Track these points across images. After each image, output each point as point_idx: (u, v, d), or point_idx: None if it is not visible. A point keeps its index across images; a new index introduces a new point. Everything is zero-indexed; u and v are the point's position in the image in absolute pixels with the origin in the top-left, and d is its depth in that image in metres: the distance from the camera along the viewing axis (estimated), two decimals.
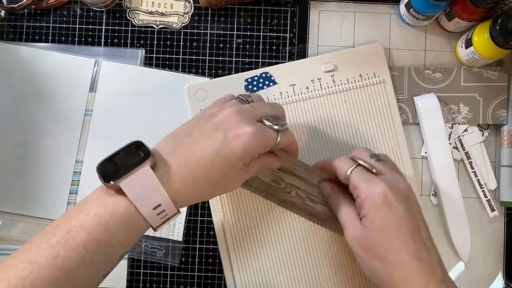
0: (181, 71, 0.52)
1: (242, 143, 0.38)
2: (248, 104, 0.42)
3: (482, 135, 0.51)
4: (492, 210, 0.50)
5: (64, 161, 0.51)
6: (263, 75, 0.51)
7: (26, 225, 0.51)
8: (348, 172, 0.41)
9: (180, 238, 0.51)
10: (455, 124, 0.51)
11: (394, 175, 0.41)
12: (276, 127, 0.40)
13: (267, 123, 0.40)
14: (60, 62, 0.52)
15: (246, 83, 0.51)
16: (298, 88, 0.51)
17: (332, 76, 0.51)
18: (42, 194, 0.51)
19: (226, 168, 0.38)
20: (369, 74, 0.51)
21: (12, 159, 0.51)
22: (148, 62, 0.52)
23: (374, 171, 0.41)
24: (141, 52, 0.52)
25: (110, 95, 0.52)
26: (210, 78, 0.52)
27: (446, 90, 0.51)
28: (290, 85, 0.51)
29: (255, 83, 0.51)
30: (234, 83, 0.51)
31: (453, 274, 0.50)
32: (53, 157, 0.51)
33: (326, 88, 0.51)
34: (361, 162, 0.41)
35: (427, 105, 0.50)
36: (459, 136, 0.51)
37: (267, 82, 0.51)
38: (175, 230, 0.51)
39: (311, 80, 0.51)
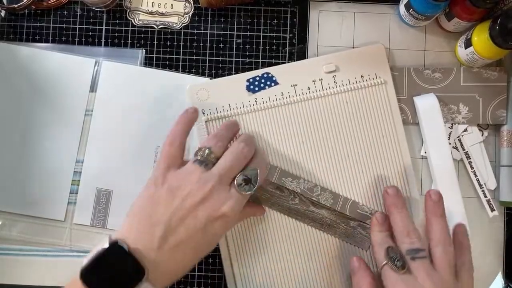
0: (181, 71, 0.52)
1: (223, 225, 0.41)
2: (215, 170, 0.42)
3: (482, 135, 0.51)
4: (492, 210, 0.50)
5: (65, 161, 0.51)
6: (265, 75, 0.51)
7: (27, 225, 0.51)
8: (379, 266, 0.43)
9: None
10: (455, 124, 0.51)
11: (423, 277, 0.41)
12: (248, 192, 0.42)
13: (240, 190, 0.42)
14: (60, 62, 0.52)
15: (247, 83, 0.51)
16: (299, 89, 0.51)
17: (333, 76, 0.51)
18: (42, 194, 0.51)
19: (210, 246, 0.43)
20: (370, 75, 0.51)
21: (12, 159, 0.51)
22: (148, 62, 0.53)
23: (401, 271, 0.42)
24: (141, 52, 0.52)
25: (110, 95, 0.52)
26: (210, 78, 0.52)
27: (445, 90, 0.51)
28: (291, 86, 0.51)
29: (256, 83, 0.51)
30: (236, 83, 0.51)
31: None
32: (54, 157, 0.51)
33: (327, 89, 0.51)
34: (389, 265, 0.42)
35: (427, 105, 0.50)
36: (458, 136, 0.51)
37: (268, 83, 0.51)
38: None
39: (313, 81, 0.51)
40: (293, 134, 0.50)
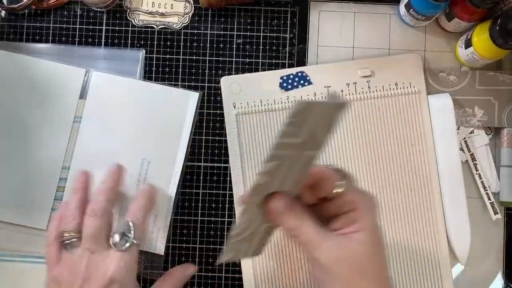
0: (181, 71, 0.52)
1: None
2: (83, 245, 0.42)
3: (488, 137, 0.51)
4: (496, 213, 0.50)
5: (51, 167, 0.50)
6: (299, 74, 0.51)
7: (7, 232, 0.50)
8: (343, 184, 0.37)
9: (161, 252, 0.50)
10: (469, 127, 0.51)
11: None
12: (127, 245, 0.42)
13: (119, 248, 0.42)
14: (50, 70, 0.51)
15: (281, 81, 0.51)
16: (332, 90, 0.51)
17: (368, 81, 0.51)
18: (26, 199, 0.50)
19: None
20: (405, 83, 0.51)
21: None
22: (148, 62, 0.52)
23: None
24: (142, 54, 0.52)
25: (99, 105, 0.51)
26: (210, 78, 0.52)
27: (460, 93, 0.51)
28: (325, 87, 0.51)
29: (290, 81, 0.51)
30: (269, 79, 0.51)
31: (452, 274, 0.50)
32: (40, 162, 0.50)
33: (360, 93, 0.51)
34: (350, 177, 0.38)
35: (441, 104, 0.50)
36: (465, 138, 0.51)
37: (302, 82, 0.51)
38: (157, 244, 0.50)
39: (347, 84, 0.51)
40: None
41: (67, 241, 0.43)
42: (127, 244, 0.42)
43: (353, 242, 0.35)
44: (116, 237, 0.42)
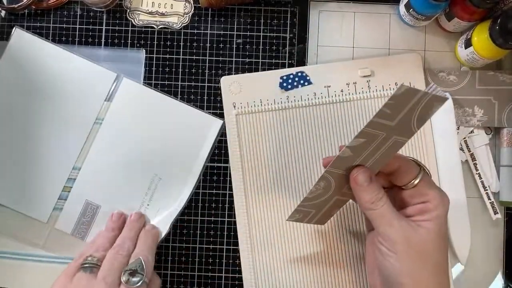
0: (181, 71, 0.52)
1: None
2: (99, 275, 0.43)
3: (488, 137, 0.51)
4: (495, 212, 0.50)
5: (62, 164, 0.50)
6: (299, 74, 0.51)
7: (8, 217, 0.50)
8: (420, 176, 0.39)
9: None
10: (469, 126, 0.51)
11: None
12: (139, 284, 0.42)
13: (130, 286, 0.42)
14: (82, 68, 0.51)
15: (281, 80, 0.51)
16: (332, 90, 0.51)
17: (368, 81, 0.51)
18: (31, 192, 0.50)
19: None
20: (404, 83, 0.50)
21: (11, 150, 0.50)
22: (148, 62, 0.53)
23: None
24: (143, 55, 0.52)
25: (122, 113, 0.51)
26: (210, 78, 0.52)
27: (460, 93, 0.51)
28: (325, 87, 0.51)
29: (290, 81, 0.51)
30: (269, 79, 0.51)
31: (451, 274, 0.50)
32: (52, 157, 0.50)
33: (360, 93, 0.51)
34: (426, 170, 0.40)
35: None
36: (465, 138, 0.51)
37: (302, 81, 0.51)
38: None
39: (347, 84, 0.51)
40: (322, 135, 0.50)
41: (87, 265, 0.44)
42: (140, 283, 0.43)
43: (423, 229, 0.38)
44: (126, 276, 0.43)
